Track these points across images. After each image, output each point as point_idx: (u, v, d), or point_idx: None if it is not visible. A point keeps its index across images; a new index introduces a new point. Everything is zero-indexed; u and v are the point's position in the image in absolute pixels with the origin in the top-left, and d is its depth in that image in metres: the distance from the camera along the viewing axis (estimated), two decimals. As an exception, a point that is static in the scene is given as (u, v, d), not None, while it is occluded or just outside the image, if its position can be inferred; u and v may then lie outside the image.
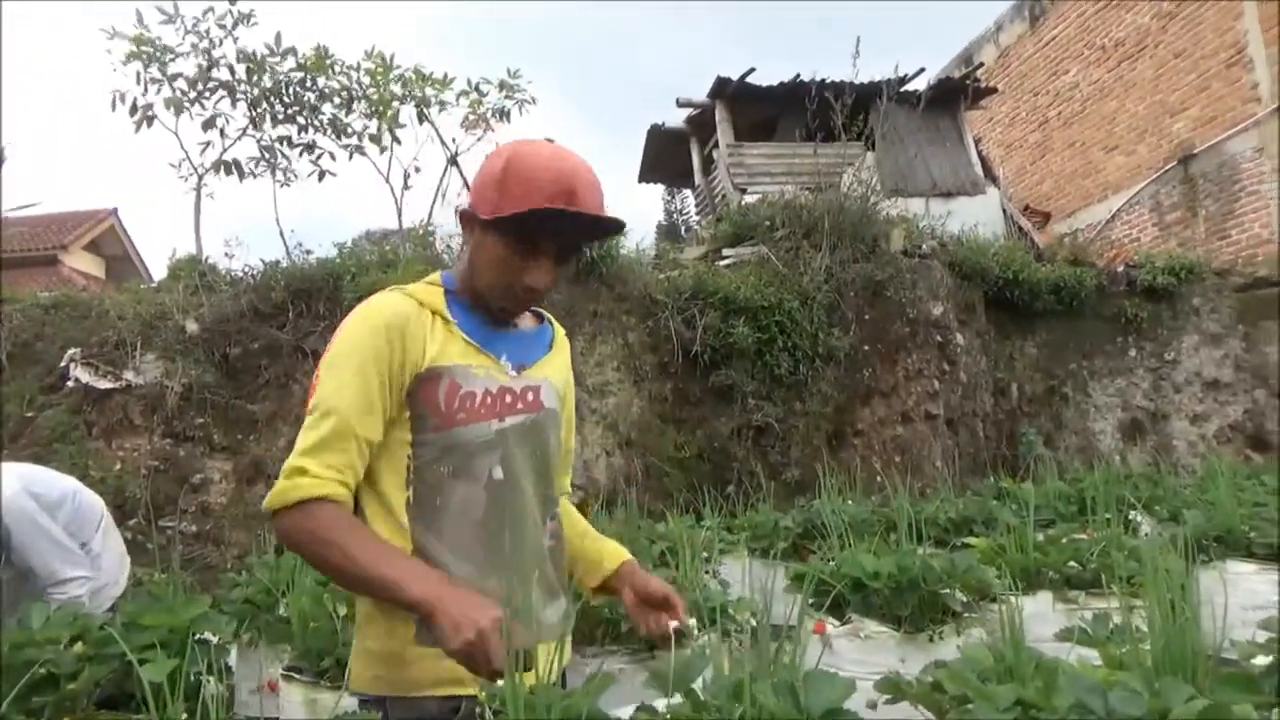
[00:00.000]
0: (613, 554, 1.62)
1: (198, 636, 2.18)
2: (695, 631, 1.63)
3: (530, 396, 1.43)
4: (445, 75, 7.70)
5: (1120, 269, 8.87)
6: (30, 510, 2.52)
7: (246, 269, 6.76)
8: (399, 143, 7.83)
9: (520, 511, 1.39)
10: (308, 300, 6.10)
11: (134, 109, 7.53)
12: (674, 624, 1.50)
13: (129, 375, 5.65)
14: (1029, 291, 8.10)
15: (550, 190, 1.27)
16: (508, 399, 1.40)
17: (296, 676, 2.34)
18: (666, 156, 13.15)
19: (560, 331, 1.59)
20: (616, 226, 1.37)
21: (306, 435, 1.28)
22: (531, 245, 1.32)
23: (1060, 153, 13.42)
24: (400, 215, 7.89)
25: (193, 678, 1.97)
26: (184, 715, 2.03)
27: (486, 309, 1.41)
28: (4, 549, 2.49)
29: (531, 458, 1.43)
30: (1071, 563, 2.79)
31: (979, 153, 11.89)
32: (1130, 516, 3.76)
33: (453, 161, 7.93)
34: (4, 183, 7.50)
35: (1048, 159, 13.74)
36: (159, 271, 11.29)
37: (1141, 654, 1.51)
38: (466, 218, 1.39)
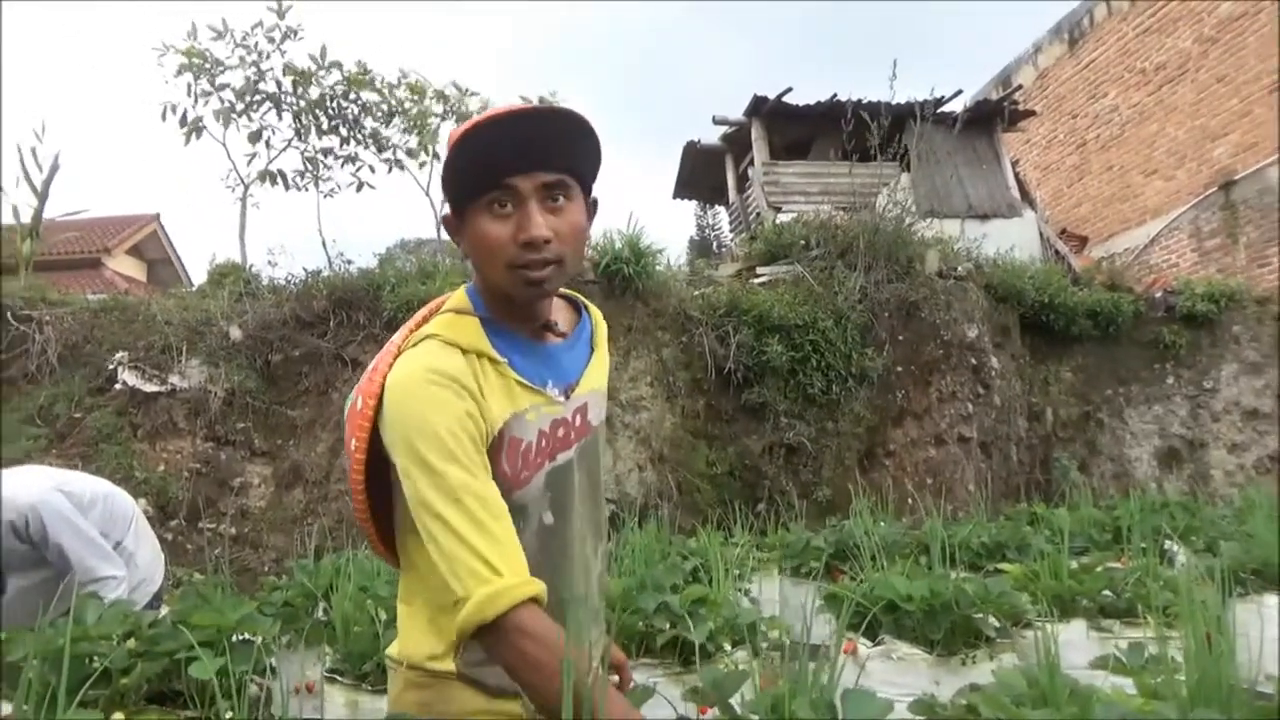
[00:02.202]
0: None
1: (242, 637, 2.25)
2: None
3: (578, 420, 1.33)
4: (479, 94, 7.84)
5: (1159, 295, 8.78)
6: (65, 508, 2.55)
7: (289, 277, 6.91)
8: (438, 158, 7.97)
9: (568, 549, 1.31)
10: (348, 309, 6.21)
11: (184, 121, 7.74)
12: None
13: (174, 379, 5.78)
14: (1065, 316, 8.04)
15: (465, 130, 1.15)
16: (559, 433, 1.29)
17: (338, 679, 2.39)
18: (701, 173, 13.20)
19: (597, 316, 1.45)
20: (569, 118, 1.17)
21: (458, 528, 1.10)
22: (505, 189, 1.15)
23: (1098, 176, 13.31)
24: (439, 227, 8.01)
25: (237, 677, 2.01)
26: (228, 713, 2.09)
27: (525, 321, 1.28)
28: (40, 548, 2.51)
29: (581, 487, 1.34)
30: (1105, 591, 2.79)
31: (1016, 175, 11.82)
32: (1165, 546, 3.73)
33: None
34: (55, 190, 7.70)
35: (1085, 182, 13.62)
36: (199, 276, 11.51)
37: (1176, 684, 1.52)
38: (449, 226, 1.26)
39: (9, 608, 2.56)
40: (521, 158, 1.15)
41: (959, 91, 11.07)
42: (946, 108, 10.85)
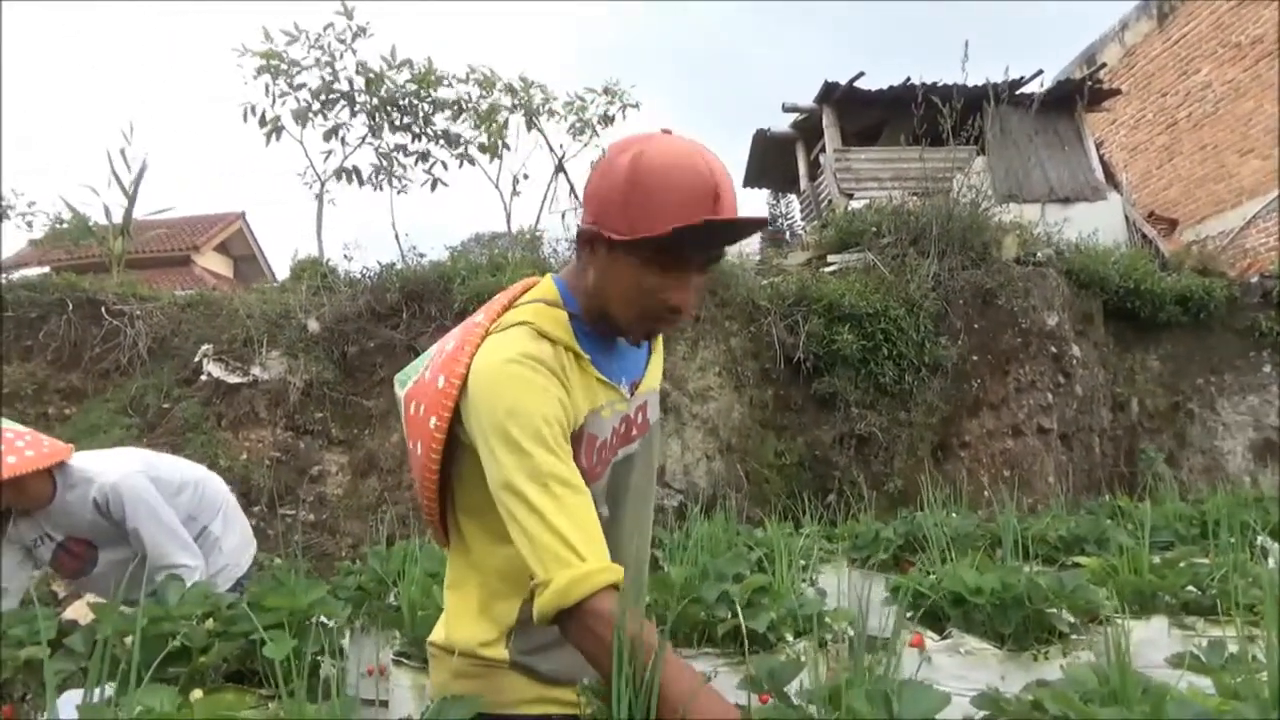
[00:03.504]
0: None
1: (315, 619, 2.31)
2: None
3: (641, 417, 1.35)
4: (545, 86, 7.89)
5: (1254, 279, 8.38)
6: (146, 491, 2.63)
7: (364, 271, 7.07)
8: (509, 148, 8.07)
9: (621, 541, 1.31)
10: (420, 301, 6.33)
11: (263, 121, 7.99)
12: None
13: (255, 370, 5.98)
14: (1152, 302, 7.74)
15: (692, 199, 1.10)
16: (624, 429, 1.31)
17: (405, 661, 2.45)
18: (773, 162, 13.09)
19: None
20: (761, 224, 1.20)
21: (545, 512, 1.09)
22: (676, 263, 1.15)
23: (1190, 156, 12.75)
24: (509, 220, 8.11)
25: (310, 657, 2.06)
26: (301, 692, 2.16)
27: (612, 327, 1.27)
28: (121, 526, 2.61)
29: (638, 484, 1.36)
30: (1190, 587, 2.67)
31: (1100, 157, 11.42)
32: (1257, 542, 3.56)
33: (560, 168, 8.11)
34: (144, 190, 8.03)
35: (1176, 163, 13.07)
36: (282, 272, 11.88)
37: (1258, 684, 1.45)
38: (589, 237, 1.20)
39: (101, 579, 2.70)
40: (710, 246, 1.19)
41: (1040, 72, 10.76)
42: (1026, 89, 10.53)
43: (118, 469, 2.64)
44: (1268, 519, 3.88)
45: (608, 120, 8.00)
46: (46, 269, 9.00)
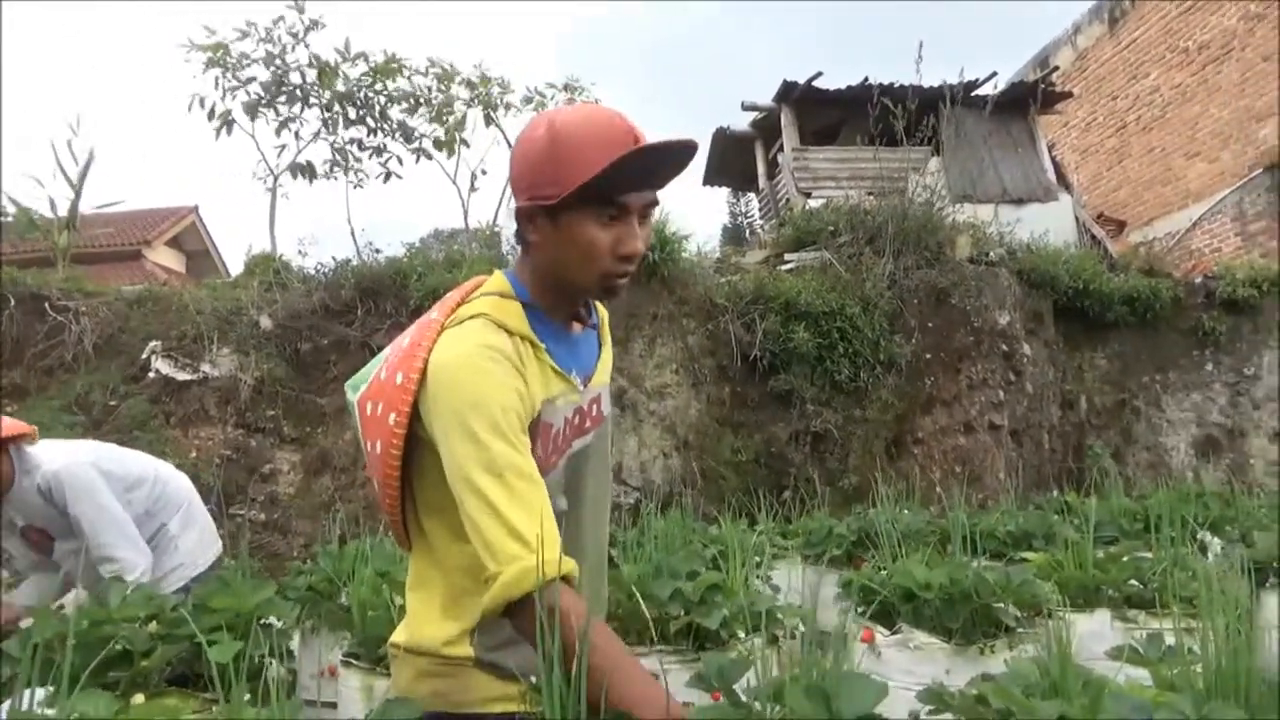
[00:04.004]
0: None
1: (262, 621, 2.28)
2: None
3: (594, 410, 1.36)
4: (503, 79, 7.85)
5: (1199, 280, 8.60)
6: (87, 480, 2.61)
7: (318, 267, 6.98)
8: (466, 145, 8.01)
9: (581, 540, 1.32)
10: (376, 298, 6.26)
11: (212, 114, 7.84)
12: None
13: (205, 367, 5.87)
14: (1101, 302, 7.90)
15: (612, 140, 1.14)
16: (577, 420, 1.31)
17: (355, 663, 2.42)
18: (732, 160, 13.13)
19: (603, 315, 1.48)
20: (691, 150, 1.19)
21: (497, 503, 1.10)
22: (617, 206, 1.18)
23: (1139, 159, 13.04)
24: (466, 216, 8.06)
25: (257, 660, 2.03)
26: (247, 696, 2.12)
27: (563, 311, 1.31)
28: (66, 515, 2.60)
29: (595, 474, 1.37)
30: (1133, 581, 2.73)
31: (1052, 158, 11.62)
32: (1199, 536, 3.65)
33: (517, 161, 8.05)
34: (90, 183, 7.85)
35: (1125, 165, 13.35)
36: (236, 267, 11.69)
37: (1193, 676, 1.48)
38: (527, 214, 1.23)
39: (62, 568, 2.68)
40: (646, 182, 1.20)
41: (994, 74, 10.90)
42: (982, 91, 10.68)
43: (65, 457, 2.64)
44: (1209, 514, 3.98)
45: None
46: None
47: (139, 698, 1.90)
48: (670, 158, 1.19)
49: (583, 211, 1.17)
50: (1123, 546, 3.32)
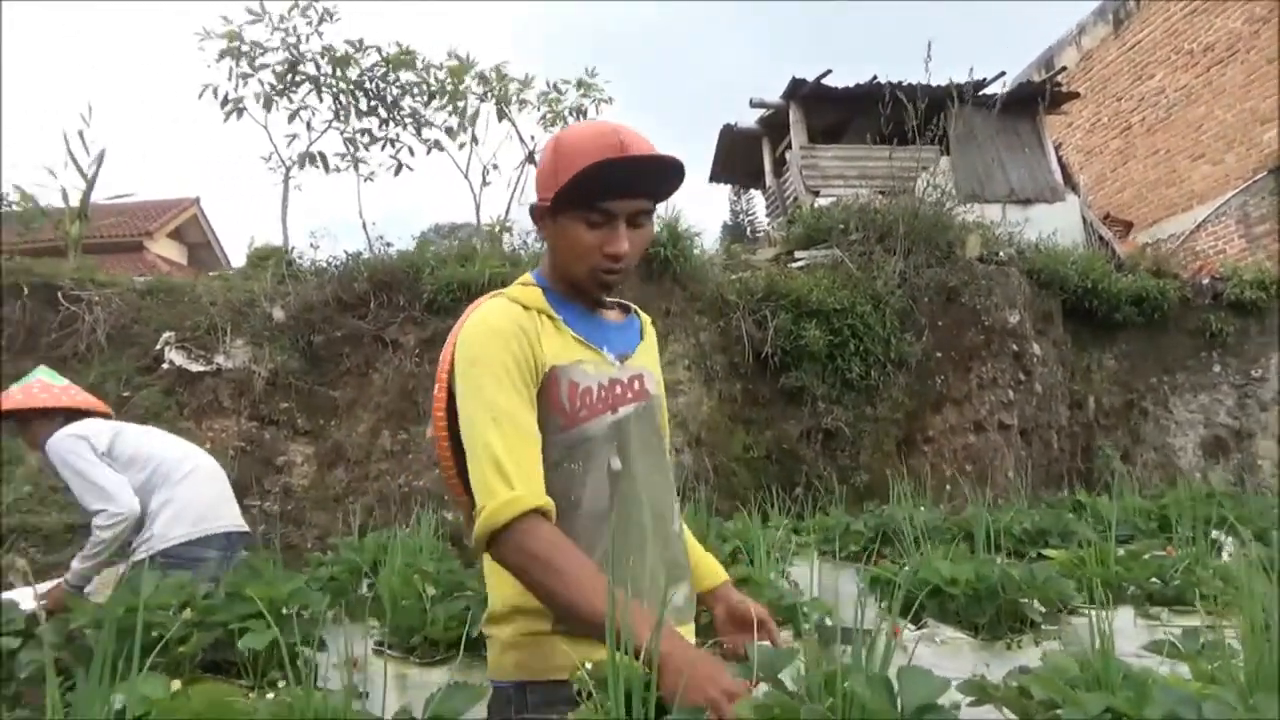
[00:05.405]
0: (712, 571, 1.63)
1: (293, 610, 2.29)
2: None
3: (637, 385, 1.45)
4: (526, 75, 7.85)
5: (1205, 281, 8.62)
6: (68, 452, 2.92)
7: (330, 260, 6.97)
8: (477, 141, 8.01)
9: (639, 498, 1.40)
10: (388, 291, 6.27)
11: (225, 102, 7.83)
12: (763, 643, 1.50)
13: (219, 359, 5.88)
14: (1108, 302, 7.92)
15: (598, 145, 1.27)
16: (618, 390, 1.41)
17: (386, 652, 2.43)
18: (738, 157, 13.12)
19: (646, 320, 1.60)
20: (677, 166, 1.31)
21: (491, 445, 1.22)
22: (599, 211, 1.30)
23: (1143, 160, 13.04)
24: (478, 210, 8.05)
25: (288, 648, 2.04)
26: (280, 683, 2.13)
27: (584, 298, 1.44)
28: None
29: (646, 445, 1.44)
30: (1153, 579, 2.75)
31: (1059, 159, 11.63)
32: (1213, 535, 3.67)
33: (530, 159, 8.06)
34: (100, 174, 7.83)
35: (1130, 166, 13.35)
36: (238, 259, 11.68)
37: (1234, 670, 1.50)
38: (537, 213, 1.39)
39: None
40: (627, 191, 1.32)
41: (1001, 74, 10.91)
42: (988, 90, 10.69)
43: (60, 432, 2.97)
44: (1222, 513, 4.00)
45: (580, 114, 7.97)
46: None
47: (175, 684, 1.91)
48: (645, 170, 1.31)
49: (573, 214, 1.32)
50: (1141, 545, 3.34)
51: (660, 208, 8.16)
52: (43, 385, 3.14)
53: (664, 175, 1.33)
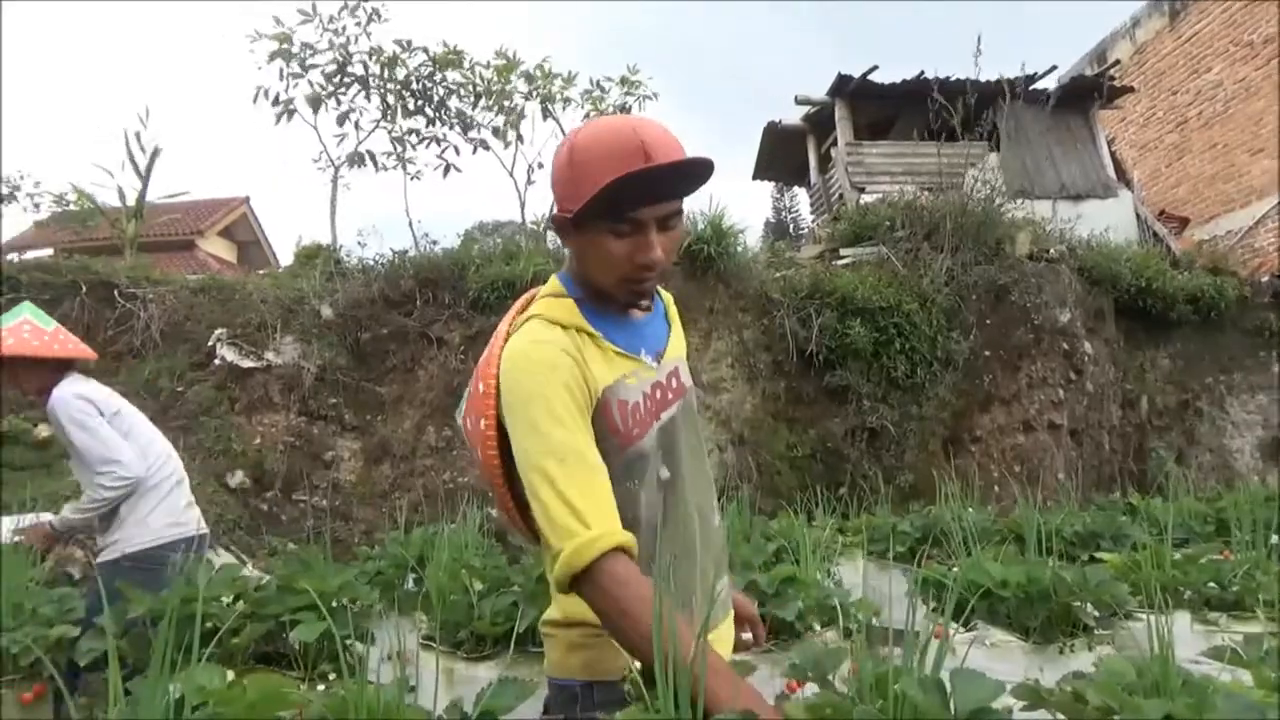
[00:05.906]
0: None
1: (342, 603, 2.33)
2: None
3: (674, 382, 1.43)
4: (569, 72, 7.87)
5: (1264, 279, 8.38)
6: (71, 408, 2.88)
7: (378, 257, 7.07)
8: (522, 140, 8.05)
9: (687, 503, 1.38)
10: (434, 289, 6.33)
11: (275, 102, 7.97)
12: (745, 635, 1.55)
13: (269, 355, 5.99)
14: (1163, 300, 7.74)
15: (619, 155, 1.19)
16: (658, 394, 1.38)
17: (434, 645, 2.46)
18: (782, 154, 13.05)
19: (668, 298, 1.55)
20: (704, 167, 1.24)
21: (558, 484, 1.18)
22: (628, 221, 1.24)
23: (1200, 155, 12.71)
24: (523, 208, 8.10)
25: (338, 640, 2.06)
26: (332, 675, 2.17)
27: (616, 304, 1.38)
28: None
29: (689, 443, 1.42)
30: (1211, 583, 2.68)
31: (1111, 154, 11.38)
32: (1273, 540, 3.57)
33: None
34: (154, 173, 8.02)
35: (1185, 161, 13.03)
36: (286, 258, 11.86)
37: (1300, 678, 1.45)
38: (559, 224, 1.32)
39: None
40: (654, 197, 1.24)
41: (1053, 68, 10.71)
42: (1039, 85, 10.50)
43: (68, 391, 2.91)
44: (1282, 517, 3.88)
45: (624, 111, 7.99)
46: (50, 251, 8.99)
47: (229, 674, 1.95)
48: (675, 175, 1.23)
49: (598, 225, 1.25)
50: (1198, 549, 3.26)
51: (704, 205, 8.09)
52: (34, 329, 2.96)
53: (692, 176, 1.27)
